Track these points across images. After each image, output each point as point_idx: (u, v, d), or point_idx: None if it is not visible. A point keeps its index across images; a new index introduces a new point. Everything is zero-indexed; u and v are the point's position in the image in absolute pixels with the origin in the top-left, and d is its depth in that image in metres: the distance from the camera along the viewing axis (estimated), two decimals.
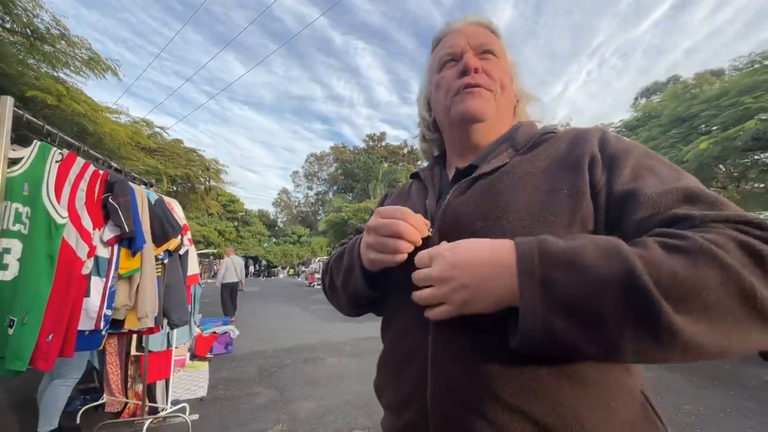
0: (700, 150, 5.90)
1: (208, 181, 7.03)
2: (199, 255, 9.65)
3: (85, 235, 1.60)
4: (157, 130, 6.28)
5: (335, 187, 44.70)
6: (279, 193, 53.48)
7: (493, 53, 0.68)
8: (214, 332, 5.42)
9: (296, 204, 51.51)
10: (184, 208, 7.55)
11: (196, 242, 22.01)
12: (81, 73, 3.99)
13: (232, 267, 7.60)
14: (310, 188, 50.21)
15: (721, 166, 8.29)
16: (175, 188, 7.18)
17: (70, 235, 1.57)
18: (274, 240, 42.02)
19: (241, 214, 37.70)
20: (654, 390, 3.68)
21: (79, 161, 1.66)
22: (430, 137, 0.81)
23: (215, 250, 27.19)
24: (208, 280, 19.01)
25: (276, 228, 47.65)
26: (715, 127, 6.27)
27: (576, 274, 0.41)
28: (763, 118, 5.34)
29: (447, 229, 0.58)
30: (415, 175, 0.82)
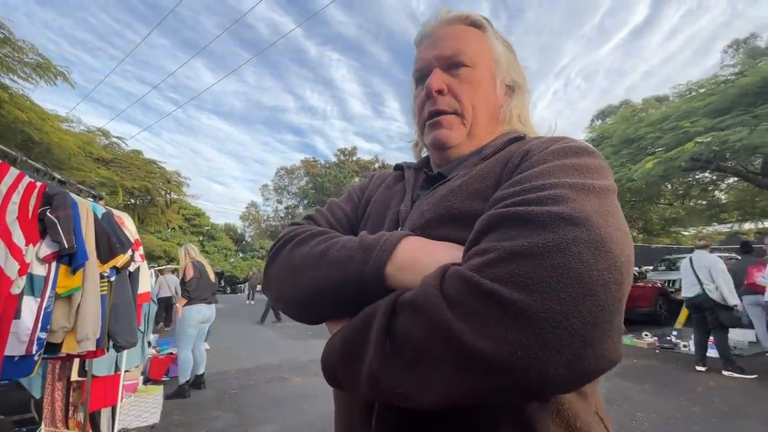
0: (647, 169, 6.36)
1: (169, 194, 6.74)
2: (160, 271, 9.47)
3: (16, 252, 1.48)
4: (115, 140, 6.01)
5: (305, 201, 44.00)
6: (247, 207, 51.98)
7: (463, 63, 0.62)
8: (171, 353, 5.10)
9: (265, 218, 50.24)
10: (142, 222, 7.21)
11: (156, 258, 20.85)
12: (30, 79, 3.76)
13: (165, 284, 9.04)
14: (279, 202, 49.12)
15: (667, 184, 8.96)
16: (133, 201, 6.84)
17: None
18: (241, 255, 40.59)
19: (206, 228, 36.26)
20: (610, 399, 3.81)
21: (13, 172, 1.54)
22: (422, 145, 0.79)
23: (177, 266, 25.91)
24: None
25: (243, 242, 46.17)
26: (659, 149, 6.78)
27: None
28: (699, 141, 5.84)
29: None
30: (399, 167, 0.78)
